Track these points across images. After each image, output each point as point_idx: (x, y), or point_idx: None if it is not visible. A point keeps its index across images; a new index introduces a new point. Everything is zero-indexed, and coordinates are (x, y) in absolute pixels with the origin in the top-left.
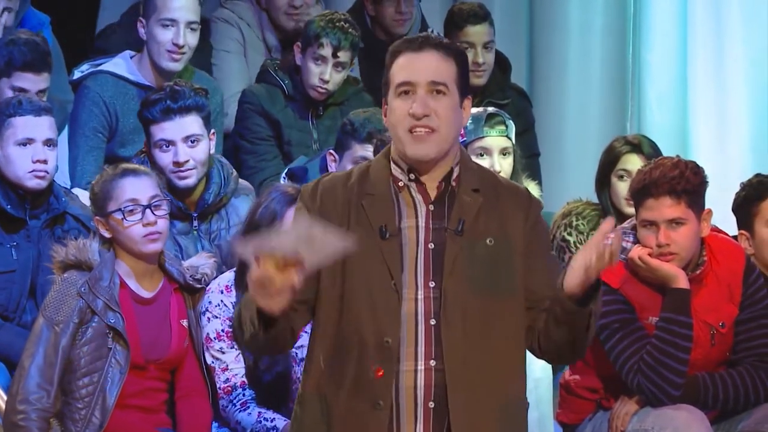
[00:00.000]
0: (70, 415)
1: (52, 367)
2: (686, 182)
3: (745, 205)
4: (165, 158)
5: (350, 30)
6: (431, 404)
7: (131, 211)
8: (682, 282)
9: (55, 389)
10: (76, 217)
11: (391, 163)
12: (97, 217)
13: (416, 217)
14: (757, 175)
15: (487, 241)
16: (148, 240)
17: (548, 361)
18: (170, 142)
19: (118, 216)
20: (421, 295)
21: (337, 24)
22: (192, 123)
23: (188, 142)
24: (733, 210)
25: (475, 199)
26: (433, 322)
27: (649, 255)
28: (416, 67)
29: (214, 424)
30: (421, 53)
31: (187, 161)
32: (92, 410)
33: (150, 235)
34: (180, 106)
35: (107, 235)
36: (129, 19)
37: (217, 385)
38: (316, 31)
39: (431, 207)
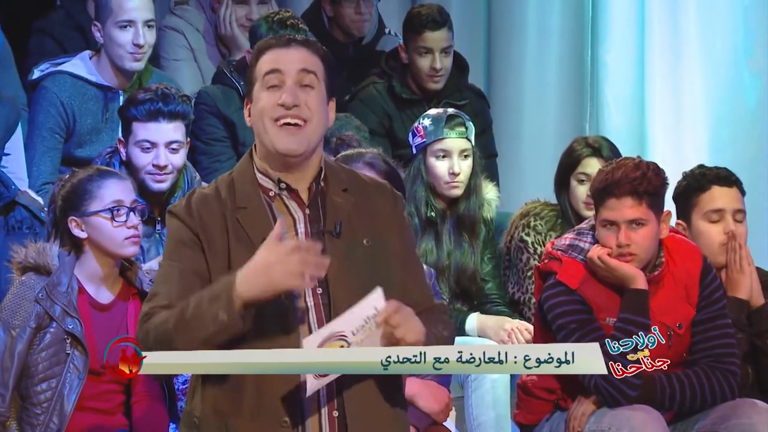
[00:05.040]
0: (28, 420)
1: (6, 371)
2: (648, 183)
3: (684, 195)
4: (144, 159)
5: (301, 25)
6: (335, 413)
7: (119, 212)
8: (640, 283)
9: (10, 393)
10: (27, 207)
11: (258, 173)
12: (73, 217)
13: (294, 225)
14: (700, 166)
15: (364, 241)
16: (130, 242)
17: None
18: (153, 144)
19: (107, 215)
20: (311, 303)
21: (288, 23)
22: (176, 129)
23: (170, 147)
24: (673, 198)
25: (347, 199)
26: None
27: (608, 255)
28: (285, 58)
29: (172, 426)
30: (289, 48)
31: (167, 166)
32: (50, 416)
33: (132, 237)
34: (170, 110)
35: (83, 235)
36: (69, 1)
37: (176, 387)
38: (268, 35)
39: (307, 211)
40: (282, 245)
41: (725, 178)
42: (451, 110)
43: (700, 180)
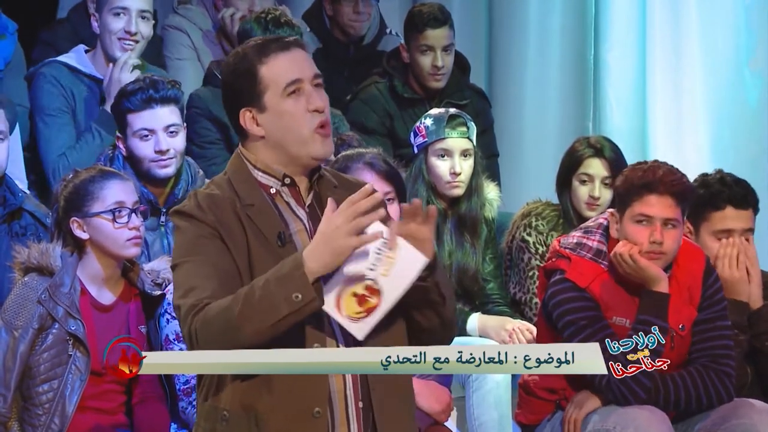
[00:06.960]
0: (30, 421)
1: (9, 372)
2: (685, 187)
3: (698, 202)
4: (145, 147)
5: (294, 22)
6: (360, 404)
7: (120, 213)
8: (663, 286)
9: (12, 394)
10: (32, 213)
11: (257, 171)
12: (75, 218)
13: (300, 220)
14: (721, 178)
15: None
16: (132, 244)
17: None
18: (151, 131)
19: (108, 216)
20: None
21: (282, 20)
22: (172, 113)
23: (168, 131)
24: None
25: (341, 195)
26: None
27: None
28: (301, 64)
29: (173, 426)
30: (292, 51)
31: (168, 150)
32: (52, 416)
33: (134, 239)
34: (162, 96)
35: (84, 236)
36: (76, 14)
37: (177, 387)
38: (263, 33)
39: (307, 210)
40: (334, 212)
41: (741, 199)
42: (452, 110)
43: (716, 197)
